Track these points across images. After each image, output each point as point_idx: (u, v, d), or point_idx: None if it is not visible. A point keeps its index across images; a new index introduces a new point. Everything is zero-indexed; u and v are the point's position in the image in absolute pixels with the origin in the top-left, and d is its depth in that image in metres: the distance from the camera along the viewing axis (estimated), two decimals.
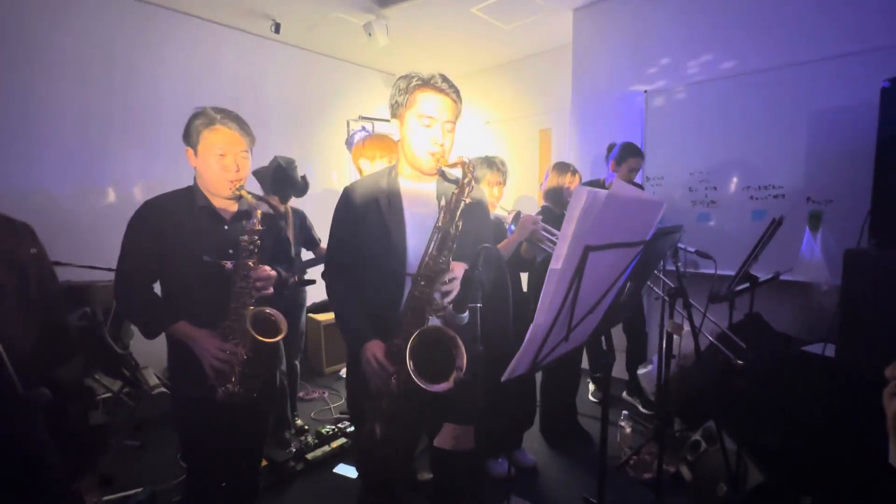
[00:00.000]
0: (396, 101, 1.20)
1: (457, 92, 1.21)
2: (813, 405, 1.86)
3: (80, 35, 2.97)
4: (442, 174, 1.24)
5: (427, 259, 1.13)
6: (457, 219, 1.12)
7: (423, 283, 1.13)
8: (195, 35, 3.48)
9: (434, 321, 1.16)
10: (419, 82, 1.17)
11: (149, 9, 3.24)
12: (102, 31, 3.05)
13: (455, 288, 1.13)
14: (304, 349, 2.89)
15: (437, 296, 1.14)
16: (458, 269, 1.15)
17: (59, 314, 0.93)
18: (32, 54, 2.80)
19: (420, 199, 1.25)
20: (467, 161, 1.14)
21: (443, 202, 1.17)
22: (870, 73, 2.27)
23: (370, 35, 3.44)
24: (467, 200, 1.13)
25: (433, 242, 1.13)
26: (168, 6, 3.30)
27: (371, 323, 1.22)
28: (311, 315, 3.56)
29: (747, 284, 1.90)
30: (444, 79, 1.19)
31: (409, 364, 1.03)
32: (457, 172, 1.17)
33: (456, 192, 1.13)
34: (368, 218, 1.22)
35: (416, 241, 1.20)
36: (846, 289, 1.72)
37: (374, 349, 1.16)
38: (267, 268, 1.35)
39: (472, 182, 1.14)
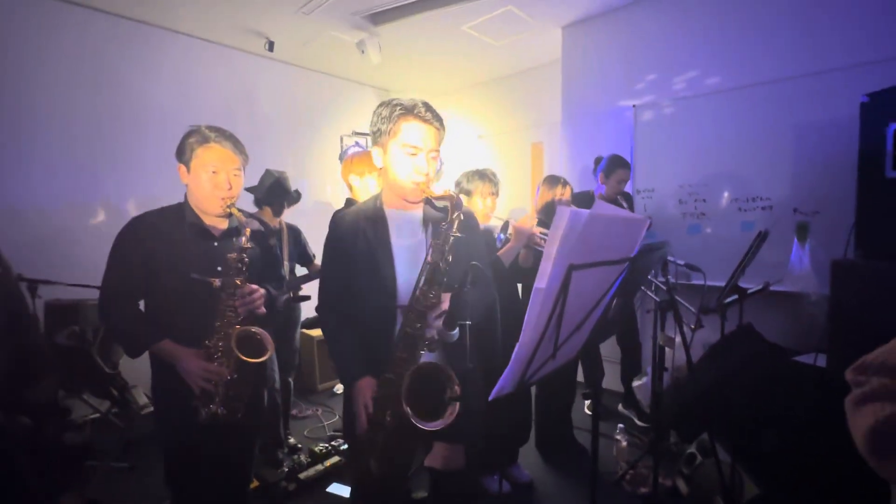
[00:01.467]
0: (379, 129, 1.19)
1: (440, 120, 1.20)
2: (806, 415, 1.86)
3: (72, 52, 2.99)
4: (428, 202, 1.24)
5: (418, 293, 1.12)
6: (447, 253, 1.12)
7: (413, 318, 1.12)
8: (189, 53, 3.51)
9: (427, 357, 1.16)
10: (402, 111, 1.16)
11: (143, 27, 3.28)
12: (96, 49, 3.08)
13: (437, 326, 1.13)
14: (298, 366, 2.86)
15: (429, 331, 1.13)
16: (448, 302, 1.14)
17: (28, 334, 0.92)
18: (22, 71, 2.81)
19: (407, 227, 1.25)
20: (455, 195, 1.14)
21: (430, 228, 1.17)
22: (851, 87, 2.33)
23: (363, 52, 3.50)
24: (457, 234, 1.12)
25: (423, 277, 1.12)
26: (162, 25, 3.34)
27: (364, 355, 1.21)
28: (304, 331, 3.53)
29: (736, 296, 1.91)
30: (428, 107, 1.18)
31: (407, 409, 1.03)
32: (444, 203, 1.17)
33: (444, 226, 1.12)
34: (356, 250, 1.22)
35: (406, 270, 1.20)
36: (835, 299, 1.74)
37: (364, 387, 1.16)
38: (254, 286, 1.34)
39: (461, 216, 1.13)
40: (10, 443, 0.66)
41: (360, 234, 1.22)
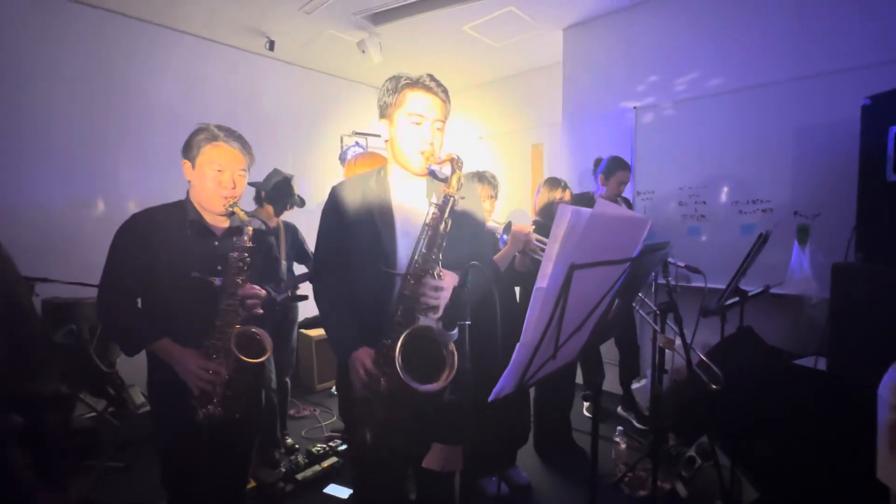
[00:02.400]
0: (385, 102, 1.19)
1: (445, 91, 1.20)
2: (806, 419, 1.85)
3: (75, 51, 2.99)
4: (432, 174, 1.23)
5: (417, 257, 1.11)
6: (446, 215, 1.10)
7: (412, 281, 1.11)
8: (190, 52, 3.51)
9: (424, 320, 1.13)
10: (408, 81, 1.17)
11: (147, 27, 3.27)
12: (97, 48, 3.07)
13: (443, 300, 1.11)
14: (296, 366, 2.85)
15: (426, 298, 1.11)
16: (449, 279, 1.13)
17: (31, 326, 0.91)
18: (26, 69, 2.81)
19: (410, 199, 1.23)
20: (456, 157, 1.12)
21: (433, 199, 1.16)
22: (853, 90, 2.33)
23: (364, 52, 3.49)
24: (457, 197, 1.11)
25: (423, 240, 1.11)
26: (164, 24, 3.34)
27: (361, 325, 1.20)
28: (302, 331, 3.53)
29: (737, 299, 1.91)
30: (433, 78, 1.19)
31: (398, 359, 1.01)
32: (446, 170, 1.16)
33: (445, 188, 1.11)
34: (357, 219, 1.20)
35: (406, 241, 1.19)
36: (835, 302, 1.73)
37: (363, 357, 1.14)
38: (256, 287, 1.33)
39: (462, 178, 1.12)
40: (8, 452, 0.65)
41: (361, 204, 1.21)
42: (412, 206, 1.23)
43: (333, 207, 1.25)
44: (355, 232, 1.20)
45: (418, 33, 3.53)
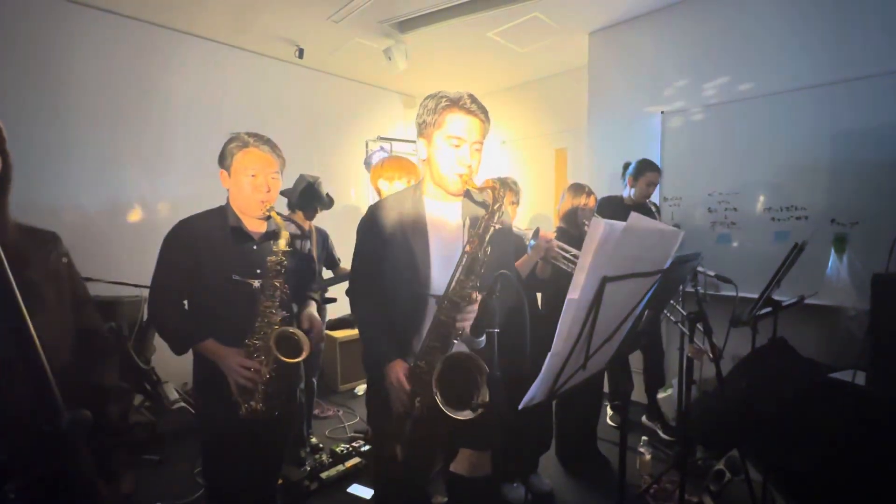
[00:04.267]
0: (424, 121, 1.20)
1: (485, 112, 1.21)
2: (843, 435, 1.79)
3: (116, 61, 3.14)
4: (468, 195, 1.25)
5: (454, 284, 1.12)
6: (486, 244, 1.11)
7: (448, 306, 1.12)
8: (225, 61, 3.64)
9: (459, 346, 1.15)
10: (448, 103, 1.17)
11: (182, 36, 3.41)
12: (136, 57, 3.22)
13: (472, 317, 1.13)
14: (321, 366, 2.91)
15: (462, 322, 1.13)
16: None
17: (93, 319, 0.98)
18: (68, 79, 2.96)
19: (445, 219, 1.25)
20: (497, 185, 1.13)
21: (467, 221, 1.17)
22: (893, 94, 2.24)
23: (390, 59, 3.55)
24: (497, 226, 1.12)
25: (461, 267, 1.12)
26: (199, 34, 3.48)
27: (395, 342, 1.22)
28: (327, 332, 3.60)
29: (770, 309, 1.85)
30: (473, 99, 1.19)
31: (437, 395, 1.02)
32: (485, 195, 1.17)
33: (486, 216, 1.12)
34: (393, 239, 1.23)
35: (441, 262, 1.20)
36: (875, 314, 1.67)
37: (398, 370, 1.16)
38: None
39: (502, 206, 1.13)
40: (79, 450, 0.69)
41: (397, 224, 1.23)
42: (447, 226, 1.24)
43: (370, 226, 1.27)
44: (391, 252, 1.22)
45: (443, 40, 3.56)
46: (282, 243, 1.34)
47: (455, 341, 1.14)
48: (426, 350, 1.14)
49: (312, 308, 1.55)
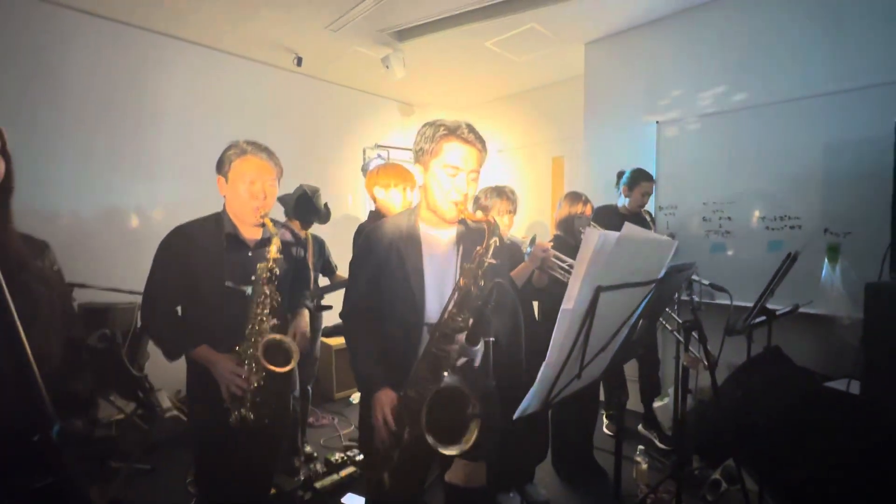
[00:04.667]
0: (422, 148, 1.21)
1: (482, 141, 1.21)
2: (838, 444, 1.79)
3: (113, 67, 3.14)
4: (462, 221, 1.25)
5: (446, 316, 1.12)
6: (479, 279, 1.11)
7: (440, 339, 1.12)
8: (224, 69, 3.66)
9: (449, 378, 1.14)
10: (445, 132, 1.18)
11: (180, 44, 3.43)
12: (134, 64, 3.23)
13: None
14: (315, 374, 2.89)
15: (454, 355, 1.13)
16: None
17: (76, 330, 0.98)
18: (64, 84, 2.96)
19: (439, 245, 1.25)
20: (493, 220, 1.14)
21: (461, 248, 1.17)
22: (886, 106, 2.28)
23: (388, 67, 3.57)
24: (491, 261, 1.12)
25: (453, 301, 1.12)
26: (200, 42, 3.49)
27: (385, 369, 1.22)
28: (322, 339, 3.58)
29: (764, 318, 1.86)
30: (471, 129, 1.20)
31: (423, 420, 1.02)
32: (479, 224, 1.16)
33: (480, 251, 1.12)
34: (387, 264, 1.23)
35: (435, 289, 1.21)
36: (869, 323, 1.68)
37: (385, 400, 1.16)
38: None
39: (497, 241, 1.13)
40: (72, 460, 0.69)
41: (392, 249, 1.23)
42: (442, 253, 1.25)
43: (365, 251, 1.28)
44: (384, 277, 1.23)
45: (441, 49, 3.59)
46: (272, 250, 1.34)
47: (445, 374, 1.13)
48: (416, 380, 1.13)
49: (304, 317, 1.54)
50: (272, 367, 1.30)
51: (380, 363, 1.23)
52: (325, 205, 2.58)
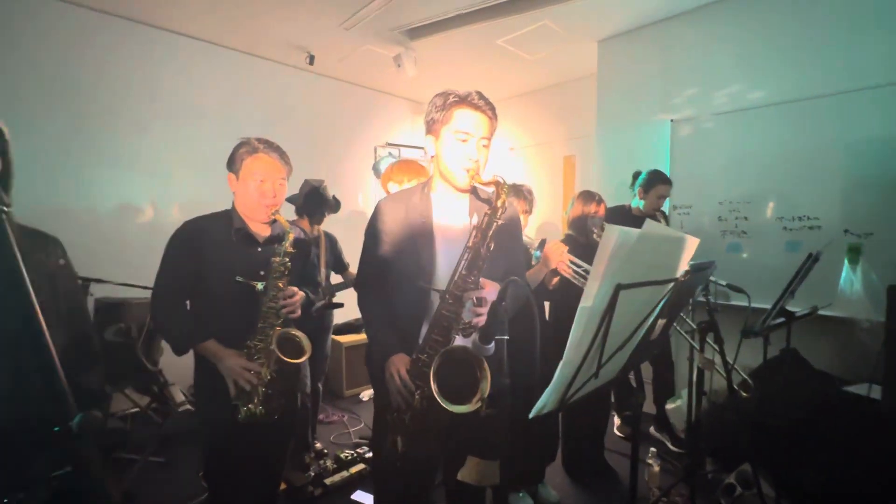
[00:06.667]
0: (433, 118, 1.21)
1: (493, 109, 1.22)
2: (857, 449, 1.75)
3: (128, 66, 3.19)
4: (474, 192, 1.25)
5: (456, 278, 1.13)
6: (488, 239, 1.11)
7: (450, 301, 1.12)
8: (237, 67, 3.69)
9: (460, 340, 1.15)
10: (456, 99, 1.19)
11: (194, 43, 3.46)
12: (148, 62, 3.27)
13: (485, 312, 1.11)
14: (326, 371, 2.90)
15: (466, 315, 1.13)
16: (490, 287, 1.14)
17: (85, 325, 0.99)
18: (77, 80, 3.01)
19: (451, 215, 1.25)
20: (502, 181, 1.13)
21: (474, 220, 1.17)
22: None
23: (399, 66, 3.57)
24: (500, 222, 1.12)
25: (463, 262, 1.12)
26: (213, 41, 3.53)
27: (398, 336, 1.22)
28: (333, 336, 3.59)
29: (783, 319, 1.83)
30: (481, 96, 1.21)
31: (434, 387, 1.02)
32: (490, 191, 1.17)
33: (489, 212, 1.12)
34: (399, 233, 1.24)
35: (446, 257, 1.21)
36: (891, 326, 1.64)
37: (398, 363, 1.17)
38: (294, 288, 1.38)
39: (506, 203, 1.13)
40: (92, 453, 0.70)
41: (403, 219, 1.24)
42: (454, 223, 1.25)
43: (377, 221, 1.28)
44: (396, 247, 1.23)
45: (453, 47, 3.58)
46: (287, 245, 1.35)
47: (456, 336, 1.13)
48: (428, 343, 1.13)
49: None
50: (287, 359, 1.30)
51: (392, 331, 1.23)
52: (334, 196, 2.58)
